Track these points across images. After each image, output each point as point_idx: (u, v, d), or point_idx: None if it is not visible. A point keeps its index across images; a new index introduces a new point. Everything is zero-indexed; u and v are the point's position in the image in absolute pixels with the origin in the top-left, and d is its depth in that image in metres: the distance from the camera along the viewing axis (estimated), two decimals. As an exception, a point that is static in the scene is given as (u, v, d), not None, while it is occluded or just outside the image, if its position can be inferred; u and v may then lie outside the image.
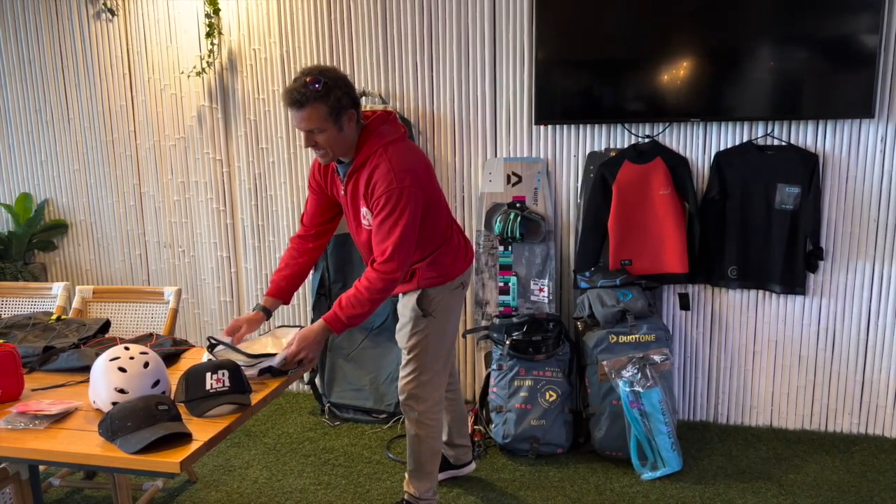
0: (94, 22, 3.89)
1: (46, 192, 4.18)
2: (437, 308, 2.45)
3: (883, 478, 2.92)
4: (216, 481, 3.00)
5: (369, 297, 2.18)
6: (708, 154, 3.25)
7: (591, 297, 3.17)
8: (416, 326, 2.46)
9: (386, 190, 2.17)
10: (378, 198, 2.19)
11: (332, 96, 2.11)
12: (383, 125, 2.27)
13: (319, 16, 3.56)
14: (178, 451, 1.64)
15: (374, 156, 2.21)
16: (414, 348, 2.49)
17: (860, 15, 2.92)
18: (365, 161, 2.23)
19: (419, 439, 2.55)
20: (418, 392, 2.51)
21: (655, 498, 2.80)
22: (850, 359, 3.26)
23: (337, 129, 2.16)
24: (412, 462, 2.59)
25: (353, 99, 2.19)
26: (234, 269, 3.93)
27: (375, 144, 2.22)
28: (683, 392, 3.46)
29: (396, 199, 2.17)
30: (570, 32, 3.23)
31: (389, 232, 2.18)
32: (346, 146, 2.22)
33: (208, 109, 3.79)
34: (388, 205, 2.17)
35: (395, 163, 2.19)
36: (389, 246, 2.17)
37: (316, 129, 2.15)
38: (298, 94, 2.11)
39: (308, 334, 2.16)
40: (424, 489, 2.60)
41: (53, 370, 2.21)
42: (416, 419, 2.53)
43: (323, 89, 2.10)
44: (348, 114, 2.17)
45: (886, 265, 3.15)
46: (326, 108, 2.12)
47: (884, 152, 3.08)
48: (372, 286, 2.18)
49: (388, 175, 2.17)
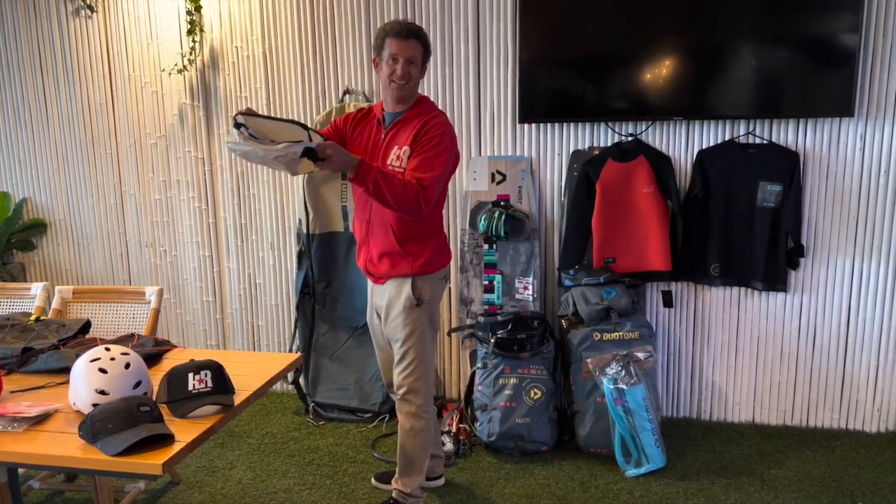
0: (73, 19, 3.84)
1: (25, 190, 4.13)
2: (428, 296, 2.49)
3: (863, 472, 2.96)
4: (200, 482, 2.97)
5: (402, 188, 2.25)
6: (690, 152, 3.27)
7: (576, 295, 3.18)
8: (409, 316, 2.47)
9: (441, 136, 2.37)
10: (433, 136, 2.36)
11: (426, 42, 2.44)
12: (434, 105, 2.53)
13: (302, 13, 3.54)
14: (161, 452, 1.63)
15: (428, 113, 2.43)
16: (409, 338, 2.49)
17: (840, 15, 2.96)
18: (419, 114, 2.43)
19: (414, 433, 2.55)
20: (417, 385, 2.51)
21: (640, 494, 2.82)
22: (830, 355, 3.30)
23: (422, 70, 2.44)
24: (404, 458, 2.58)
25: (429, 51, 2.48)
26: (216, 269, 3.90)
27: (433, 108, 2.48)
28: (667, 389, 3.49)
29: (446, 147, 2.38)
30: (554, 31, 3.23)
31: (434, 166, 2.33)
32: (414, 90, 2.46)
33: (190, 107, 3.76)
34: (440, 146, 2.36)
35: (450, 129, 2.45)
36: (431, 177, 2.31)
37: (416, 58, 2.40)
38: (412, 26, 2.40)
39: (342, 150, 2.22)
40: (414, 485, 2.59)
41: (32, 372, 2.18)
42: (413, 413, 2.53)
43: (423, 33, 2.42)
44: (425, 65, 2.46)
45: (866, 262, 3.19)
46: (423, 48, 2.42)
47: (863, 150, 3.12)
48: (407, 185, 2.26)
49: (444, 127, 2.40)
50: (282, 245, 3.79)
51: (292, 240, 3.76)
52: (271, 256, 3.81)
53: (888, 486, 2.85)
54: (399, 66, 2.37)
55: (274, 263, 3.82)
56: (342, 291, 3.59)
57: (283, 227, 3.77)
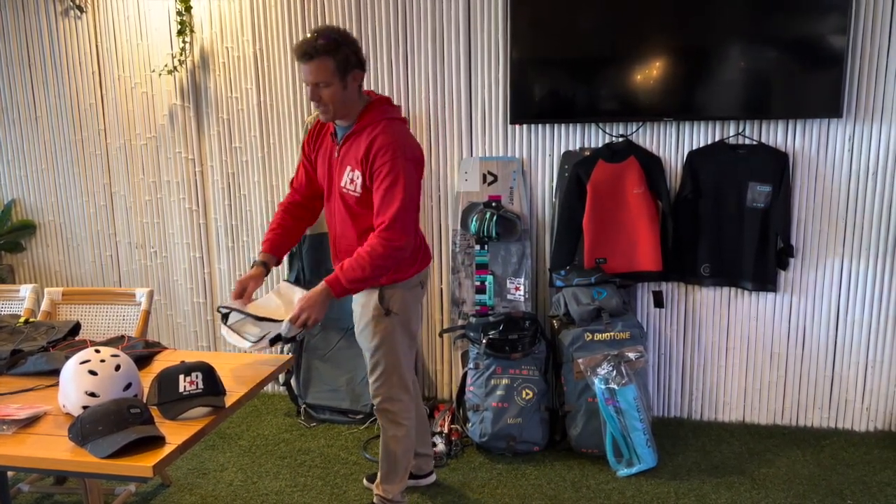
0: (62, 19, 3.82)
1: (13, 192, 4.10)
2: (397, 305, 2.42)
3: (852, 471, 2.98)
4: (191, 484, 2.96)
5: (370, 262, 2.19)
6: (681, 153, 3.29)
7: (567, 295, 3.19)
8: (377, 326, 2.43)
9: (391, 159, 2.20)
10: (381, 166, 2.21)
11: (340, 52, 2.17)
12: (388, 105, 2.34)
13: (293, 13, 3.53)
14: (151, 454, 1.62)
15: (378, 125, 2.25)
16: (379, 348, 2.45)
17: (828, 16, 2.98)
18: (367, 126, 2.27)
19: (396, 439, 2.53)
20: (391, 393, 2.49)
21: (631, 494, 2.82)
22: (819, 355, 3.32)
23: (342, 87, 2.20)
24: (386, 464, 2.57)
25: (360, 60, 2.24)
26: (207, 270, 3.89)
27: (379, 116, 2.28)
28: (658, 389, 3.50)
29: (400, 169, 2.20)
30: (545, 32, 3.24)
31: (392, 200, 2.19)
32: (347, 106, 2.26)
33: (180, 108, 3.75)
34: (392, 174, 2.19)
35: (398, 137, 2.24)
36: (392, 214, 2.19)
37: (322, 82, 2.19)
38: (308, 47, 2.16)
39: (311, 296, 2.19)
40: (396, 491, 2.58)
41: (21, 374, 2.17)
42: (392, 420, 2.52)
43: (332, 44, 2.16)
44: (354, 73, 2.22)
45: (855, 262, 3.21)
46: (334, 63, 2.17)
47: (851, 151, 3.14)
48: (374, 251, 2.19)
49: (393, 145, 2.21)
50: (273, 246, 3.78)
51: (283, 241, 3.74)
52: (262, 257, 3.80)
53: (877, 484, 2.87)
54: (310, 93, 2.23)
55: (265, 264, 3.81)
56: (333, 292, 3.58)
57: (274, 228, 3.76)
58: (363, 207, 2.31)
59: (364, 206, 2.30)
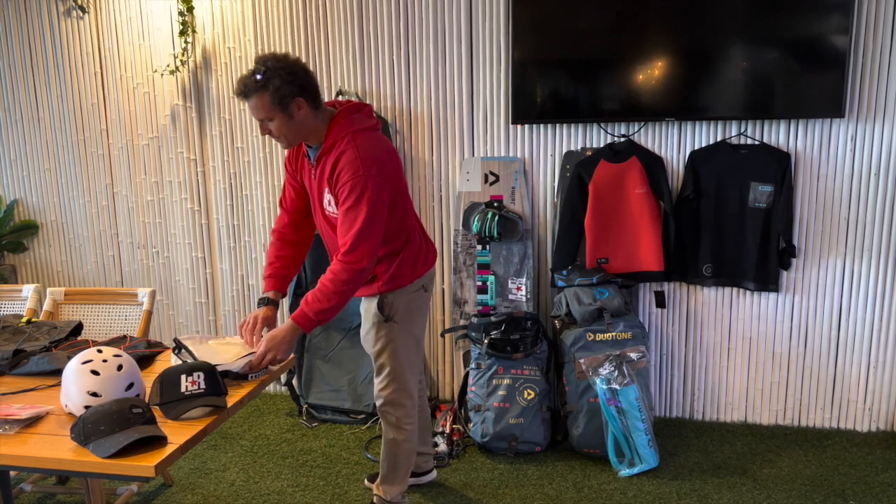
0: (65, 19, 3.82)
1: (16, 192, 4.11)
2: (398, 312, 2.40)
3: (854, 471, 2.97)
4: (192, 484, 2.96)
5: (335, 290, 2.13)
6: (682, 153, 3.28)
7: (569, 295, 3.19)
8: (379, 332, 2.42)
9: (351, 177, 2.13)
10: (343, 185, 2.15)
11: (271, 85, 2.09)
12: (355, 114, 2.25)
13: (295, 13, 3.53)
14: (153, 454, 1.62)
15: (342, 141, 2.18)
16: (381, 354, 2.45)
17: (831, 16, 2.97)
18: (332, 146, 2.20)
19: (397, 443, 2.53)
20: (394, 397, 2.48)
21: (633, 494, 2.82)
22: (822, 354, 3.31)
23: (286, 117, 2.14)
24: (386, 466, 2.57)
25: (300, 87, 2.13)
26: (209, 270, 3.89)
27: (344, 131, 2.20)
28: (659, 389, 3.50)
29: (362, 188, 2.13)
30: (547, 32, 3.24)
31: (353, 221, 2.14)
32: (301, 132, 2.20)
33: (182, 108, 3.75)
34: (353, 193, 2.13)
35: (362, 150, 2.16)
36: (353, 235, 2.13)
37: (265, 117, 2.15)
38: (242, 85, 2.12)
39: (276, 334, 2.12)
40: (395, 493, 2.58)
41: (24, 374, 2.17)
42: (394, 424, 2.51)
43: (263, 79, 2.09)
44: (296, 102, 2.13)
45: (857, 262, 3.21)
46: (269, 97, 2.10)
47: (854, 151, 3.14)
48: (336, 277, 2.14)
49: (355, 163, 2.14)
50: (275, 246, 3.79)
51: (285, 241, 3.75)
52: (264, 258, 3.81)
53: (879, 484, 2.86)
54: (259, 127, 2.21)
55: (267, 264, 3.81)
56: (335, 292, 3.58)
57: (275, 228, 3.76)
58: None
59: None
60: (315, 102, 2.19)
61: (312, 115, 2.19)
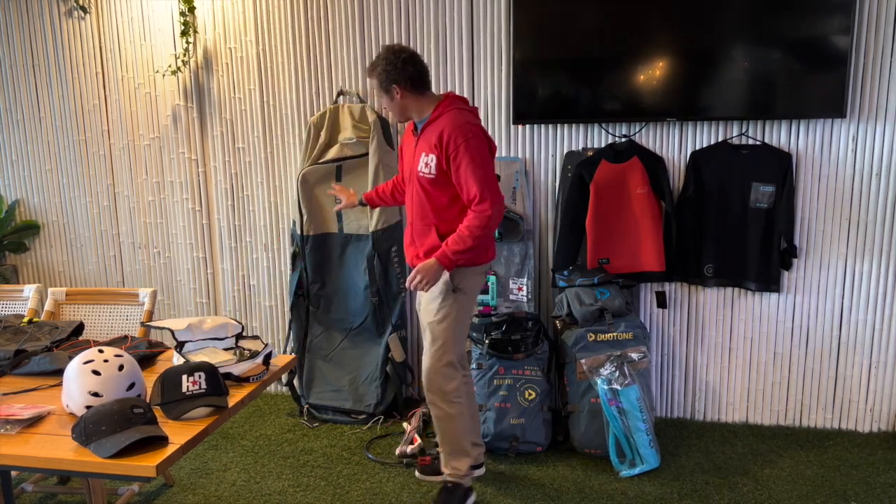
0: (66, 20, 3.83)
1: (17, 192, 4.11)
2: (465, 285, 2.60)
3: (856, 471, 2.97)
4: (193, 484, 2.96)
5: (470, 235, 2.46)
6: (684, 153, 3.28)
7: (570, 295, 3.18)
8: (445, 300, 2.58)
9: (463, 141, 2.45)
10: (454, 150, 2.46)
11: (376, 73, 2.56)
12: (459, 100, 2.60)
13: (296, 14, 3.53)
14: (154, 454, 1.62)
15: (448, 113, 2.53)
16: (442, 322, 2.59)
17: (832, 16, 2.97)
18: (439, 115, 2.54)
19: (451, 418, 2.64)
20: (447, 370, 2.62)
21: (634, 495, 2.82)
22: (823, 355, 3.31)
23: (389, 98, 2.58)
24: (448, 444, 2.68)
25: (396, 77, 2.53)
26: (210, 271, 3.90)
27: (451, 106, 2.55)
28: (661, 389, 3.49)
29: (470, 145, 2.46)
30: (548, 33, 3.24)
31: (471, 176, 2.45)
32: (404, 112, 2.61)
33: (183, 109, 3.75)
34: (467, 154, 2.45)
35: (461, 121, 2.49)
36: (476, 188, 2.44)
37: (378, 96, 2.63)
38: (369, 67, 2.60)
39: (425, 265, 2.48)
40: (465, 468, 2.68)
41: (25, 374, 2.17)
42: (445, 398, 2.63)
43: (371, 67, 2.58)
44: (394, 88, 2.54)
45: (858, 262, 3.21)
46: (376, 81, 2.58)
47: (855, 151, 3.13)
48: (471, 224, 2.46)
49: (460, 129, 2.47)
50: (276, 246, 3.79)
51: (286, 241, 3.75)
52: (265, 258, 3.81)
53: (880, 485, 2.86)
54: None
55: (268, 265, 3.82)
56: (336, 293, 3.59)
57: (277, 228, 3.77)
58: (436, 188, 2.55)
59: (437, 186, 2.54)
60: (415, 89, 2.56)
61: (412, 98, 2.57)
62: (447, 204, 2.56)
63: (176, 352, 2.15)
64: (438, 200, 2.56)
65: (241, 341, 2.28)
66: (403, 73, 2.53)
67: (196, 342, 2.20)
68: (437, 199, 2.57)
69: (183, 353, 2.13)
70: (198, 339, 2.21)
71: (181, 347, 2.16)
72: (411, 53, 2.57)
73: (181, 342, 2.17)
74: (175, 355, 2.15)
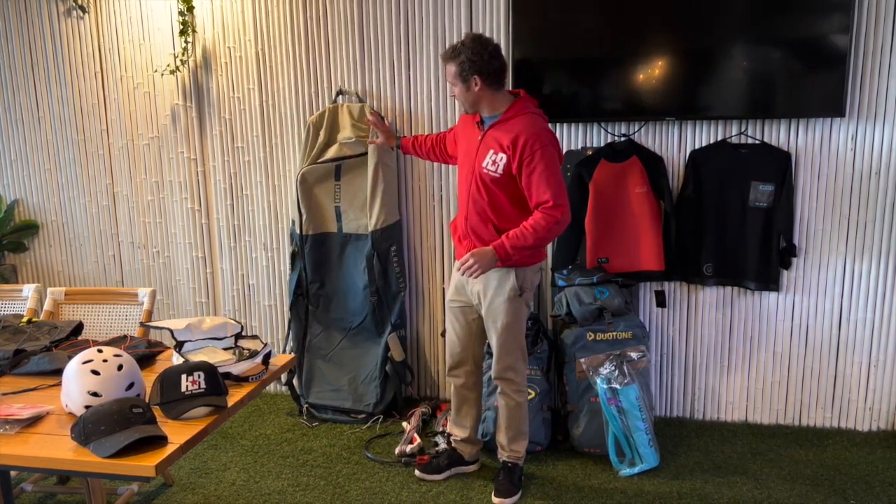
0: (65, 19, 3.82)
1: (16, 192, 4.11)
2: (527, 284, 2.68)
3: (855, 470, 2.97)
4: (193, 484, 2.96)
5: (533, 233, 2.46)
6: (683, 152, 3.28)
7: (569, 295, 3.18)
8: (511, 304, 2.65)
9: (539, 147, 2.46)
10: (530, 154, 2.46)
11: (458, 59, 2.51)
12: (531, 102, 2.62)
13: (295, 14, 3.53)
14: (154, 454, 1.62)
15: (524, 116, 2.53)
16: (511, 325, 2.68)
17: (831, 15, 2.97)
18: (513, 117, 2.54)
19: (520, 407, 2.81)
20: (518, 364, 2.75)
21: (633, 494, 2.82)
22: (822, 354, 3.31)
23: (464, 88, 2.54)
24: (513, 429, 2.82)
25: (479, 68, 2.49)
26: (209, 270, 3.90)
27: (526, 109, 2.56)
28: (660, 389, 3.50)
29: (546, 152, 2.47)
30: (547, 33, 3.24)
31: (547, 182, 2.46)
32: (476, 104, 2.59)
33: (182, 108, 3.75)
34: (542, 160, 2.46)
35: (538, 128, 2.51)
36: (549, 193, 2.45)
37: (451, 83, 2.59)
38: (446, 51, 2.57)
39: (480, 250, 2.50)
40: (523, 449, 2.86)
41: (24, 374, 2.17)
42: (516, 389, 2.78)
43: (454, 52, 2.52)
44: (473, 78, 2.51)
45: (857, 261, 3.21)
46: (455, 68, 2.52)
47: (854, 150, 3.13)
48: (537, 224, 2.46)
49: (537, 136, 2.48)
50: (275, 246, 3.79)
51: (286, 241, 3.75)
52: (264, 257, 3.81)
53: (880, 484, 2.86)
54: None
55: (267, 264, 3.82)
56: (336, 292, 3.59)
57: (276, 227, 3.77)
58: (499, 187, 2.57)
59: (500, 186, 2.56)
60: (494, 83, 2.55)
61: (489, 92, 2.55)
62: (506, 202, 2.59)
63: (175, 351, 2.15)
64: (498, 198, 2.59)
65: (240, 341, 2.28)
66: (489, 65, 2.51)
67: (195, 342, 2.21)
68: (497, 197, 2.59)
69: (182, 353, 2.13)
70: (197, 339, 2.21)
71: (180, 347, 2.16)
72: (496, 46, 2.55)
73: (180, 342, 2.17)
74: (174, 355, 2.15)
